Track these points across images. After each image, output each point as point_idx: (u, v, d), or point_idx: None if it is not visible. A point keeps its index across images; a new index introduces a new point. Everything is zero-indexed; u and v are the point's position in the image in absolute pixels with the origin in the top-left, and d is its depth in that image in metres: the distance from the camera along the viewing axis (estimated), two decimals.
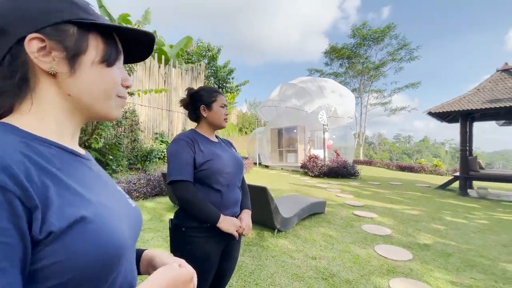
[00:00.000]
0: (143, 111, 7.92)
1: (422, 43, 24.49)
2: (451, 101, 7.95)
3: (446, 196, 6.84)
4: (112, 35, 0.48)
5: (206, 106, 1.33)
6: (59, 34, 0.42)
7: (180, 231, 1.21)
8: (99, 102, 0.47)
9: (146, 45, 0.54)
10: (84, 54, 0.44)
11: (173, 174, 1.19)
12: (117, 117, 0.51)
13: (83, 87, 0.44)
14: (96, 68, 0.46)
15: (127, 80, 0.51)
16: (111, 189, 0.51)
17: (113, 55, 0.48)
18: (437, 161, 14.91)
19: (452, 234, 3.77)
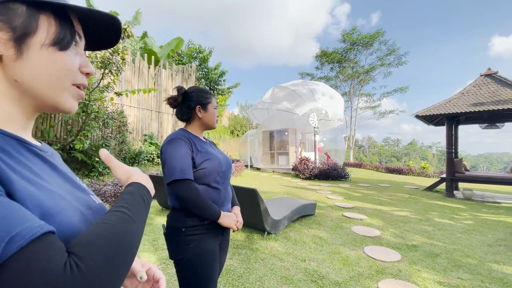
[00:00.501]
0: (131, 112, 7.78)
1: (410, 49, 25.30)
2: (437, 104, 8.14)
3: (433, 197, 6.97)
4: (69, 16, 0.44)
5: (202, 107, 1.34)
6: (5, 13, 0.38)
7: (179, 233, 1.19)
8: (49, 90, 0.42)
9: (113, 30, 0.49)
10: (34, 36, 0.40)
11: (176, 173, 1.16)
12: (71, 109, 0.46)
13: (31, 72, 0.40)
14: (47, 52, 0.41)
15: (87, 66, 0.46)
16: (70, 183, 0.47)
17: (67, 37, 0.43)
18: (425, 163, 15.24)
19: (439, 234, 3.83)
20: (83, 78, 0.47)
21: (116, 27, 0.49)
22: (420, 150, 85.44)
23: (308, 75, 28.70)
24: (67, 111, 0.45)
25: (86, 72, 0.47)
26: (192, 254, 1.17)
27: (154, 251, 2.88)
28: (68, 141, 5.37)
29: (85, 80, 0.47)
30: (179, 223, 1.20)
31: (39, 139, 0.49)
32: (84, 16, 0.45)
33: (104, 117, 5.64)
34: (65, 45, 0.43)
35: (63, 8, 0.42)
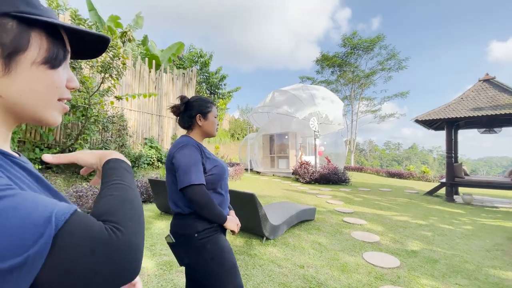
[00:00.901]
0: (132, 116, 7.80)
1: (410, 53, 25.63)
2: (437, 109, 8.16)
3: (433, 202, 6.94)
4: (61, 34, 0.44)
5: (203, 116, 1.40)
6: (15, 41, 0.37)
7: (192, 238, 1.23)
8: (35, 106, 0.42)
9: (99, 48, 0.50)
10: (24, 53, 0.39)
11: (192, 178, 1.21)
12: (55, 123, 0.46)
13: (18, 89, 0.39)
14: (37, 70, 0.40)
15: (73, 81, 0.47)
16: (51, 192, 0.47)
17: (59, 56, 0.43)
18: (425, 167, 15.19)
19: (438, 240, 3.81)
20: (68, 93, 0.47)
21: (102, 45, 0.49)
22: (421, 154, 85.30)
23: (309, 79, 28.83)
24: (51, 124, 0.45)
25: (72, 87, 0.47)
26: (212, 253, 1.23)
27: (151, 257, 2.87)
28: (67, 144, 5.39)
29: (69, 94, 0.48)
30: (191, 229, 1.24)
31: (39, 143, 0.50)
32: (74, 33, 0.45)
33: (103, 121, 5.66)
34: (57, 63, 0.42)
35: (56, 26, 0.42)
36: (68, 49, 0.46)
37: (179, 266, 2.64)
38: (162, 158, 8.05)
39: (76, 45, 0.48)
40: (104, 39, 0.47)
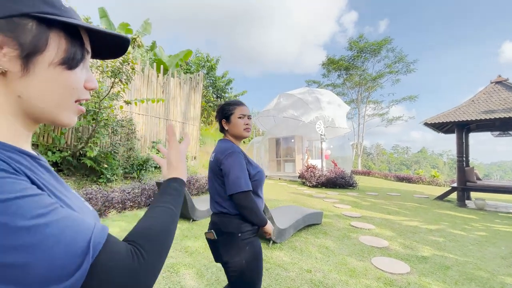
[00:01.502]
0: (140, 120, 7.91)
1: (419, 55, 25.52)
2: (446, 112, 8.02)
3: (444, 207, 6.79)
4: (80, 34, 0.43)
5: (226, 120, 1.45)
6: (14, 29, 0.36)
7: (235, 237, 1.31)
8: (52, 107, 0.42)
9: (120, 47, 0.49)
10: (42, 54, 0.39)
11: (242, 185, 1.28)
12: (70, 124, 0.45)
13: (36, 90, 0.39)
14: (54, 70, 0.40)
15: (91, 81, 0.46)
16: (71, 192, 0.49)
17: (77, 56, 0.42)
18: (435, 171, 14.89)
19: (450, 246, 3.72)
20: (87, 94, 0.46)
21: (124, 45, 0.49)
22: (430, 158, 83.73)
23: (315, 82, 28.75)
24: (65, 125, 0.45)
25: (90, 88, 0.46)
26: (249, 256, 1.30)
27: None
28: (78, 148, 5.50)
29: (88, 95, 0.47)
30: (235, 229, 1.32)
31: (51, 146, 0.51)
32: (94, 33, 0.45)
33: (113, 124, 5.76)
34: (75, 64, 0.42)
35: (76, 27, 0.42)
36: (87, 49, 0.45)
37: (186, 268, 2.64)
38: None
39: (97, 46, 0.48)
40: (124, 40, 0.47)
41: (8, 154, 0.36)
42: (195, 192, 6.42)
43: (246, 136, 1.46)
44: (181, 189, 0.58)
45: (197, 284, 2.38)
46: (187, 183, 6.23)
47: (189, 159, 9.49)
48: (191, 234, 3.66)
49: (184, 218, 4.38)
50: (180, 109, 9.51)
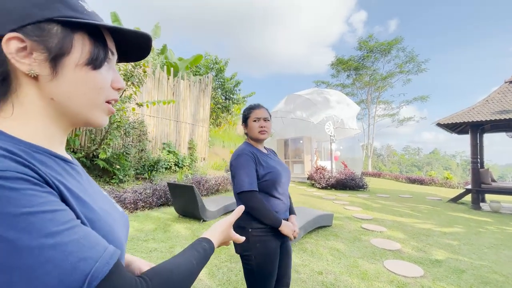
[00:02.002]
0: (151, 122, 8.05)
1: (430, 54, 24.84)
2: (460, 112, 7.83)
3: (458, 209, 6.62)
4: (102, 35, 0.44)
5: (245, 124, 1.55)
6: (41, 34, 0.38)
7: (247, 232, 1.37)
8: (83, 108, 0.44)
9: (144, 47, 0.51)
10: (68, 56, 0.40)
11: (245, 185, 1.36)
12: (102, 124, 0.47)
13: (65, 91, 0.41)
14: (81, 71, 0.42)
15: (118, 81, 0.47)
16: (101, 194, 0.51)
17: (100, 56, 0.44)
18: (448, 173, 14.54)
19: (465, 249, 3.63)
20: (115, 94, 0.48)
21: (147, 44, 0.50)
22: (443, 159, 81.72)
23: (324, 83, 28.57)
24: (98, 125, 0.47)
25: (117, 88, 0.48)
26: (258, 253, 1.35)
27: None
28: (91, 149, 5.64)
29: (117, 95, 0.48)
30: (246, 224, 1.39)
31: (66, 147, 0.53)
32: (118, 33, 0.46)
33: (125, 126, 5.88)
34: (99, 64, 0.43)
35: (98, 28, 0.44)
36: (112, 50, 0.47)
37: None
38: (179, 162, 8.22)
39: (123, 48, 0.50)
40: (146, 38, 0.48)
41: (40, 158, 0.38)
42: (205, 192, 6.48)
43: (261, 138, 1.51)
44: (209, 252, 0.59)
45: (209, 284, 2.41)
46: (196, 184, 6.30)
47: (198, 160, 9.58)
48: (201, 235, 3.69)
49: (195, 218, 4.44)
50: (189, 111, 9.63)
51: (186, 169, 8.41)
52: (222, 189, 7.15)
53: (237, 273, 2.62)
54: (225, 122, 16.95)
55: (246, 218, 1.40)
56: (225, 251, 3.16)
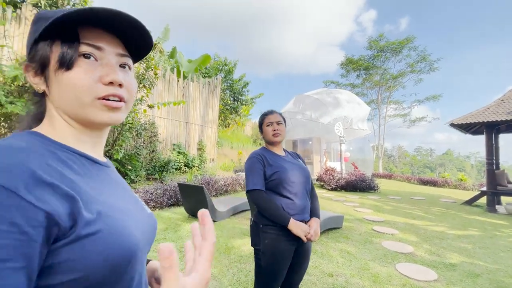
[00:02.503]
0: (162, 123, 8.19)
1: (442, 53, 24.22)
2: (474, 112, 7.62)
3: (473, 212, 6.44)
4: (71, 32, 0.43)
5: (260, 129, 1.66)
6: (34, 56, 0.44)
7: (258, 228, 1.48)
8: (76, 109, 0.44)
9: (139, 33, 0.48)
10: (49, 65, 0.43)
11: (248, 185, 1.49)
12: (102, 121, 0.46)
13: (57, 97, 0.44)
14: (59, 76, 0.43)
15: (107, 75, 0.44)
16: (127, 195, 0.52)
17: (67, 56, 0.42)
18: (462, 175, 14.15)
19: (480, 253, 3.53)
20: (107, 89, 0.45)
21: (145, 38, 0.49)
22: (456, 160, 79.55)
23: (333, 82, 28.28)
24: (98, 122, 0.46)
25: (107, 82, 0.44)
26: (266, 249, 1.43)
27: (181, 258, 2.97)
28: (104, 150, 5.78)
29: (110, 90, 0.45)
30: (258, 220, 1.49)
31: None
32: (102, 22, 0.44)
33: (137, 128, 6.00)
34: (69, 63, 0.42)
35: (69, 24, 0.42)
36: (96, 44, 0.45)
37: None
38: (189, 163, 8.32)
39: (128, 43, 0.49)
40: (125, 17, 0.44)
41: (64, 155, 0.41)
42: (214, 193, 6.53)
43: (275, 141, 1.59)
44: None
45: (219, 284, 2.44)
46: (206, 184, 6.36)
47: (207, 161, 9.66)
48: None
49: None
50: (199, 113, 9.74)
51: (195, 169, 8.50)
52: (231, 190, 7.19)
53: (247, 274, 2.63)
54: (233, 123, 17.03)
55: (258, 214, 1.50)
56: (235, 251, 3.19)
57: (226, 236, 3.69)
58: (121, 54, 0.48)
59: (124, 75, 0.47)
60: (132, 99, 0.50)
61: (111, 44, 0.46)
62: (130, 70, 0.51)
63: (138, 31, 0.48)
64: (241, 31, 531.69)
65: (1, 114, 3.75)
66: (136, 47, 0.51)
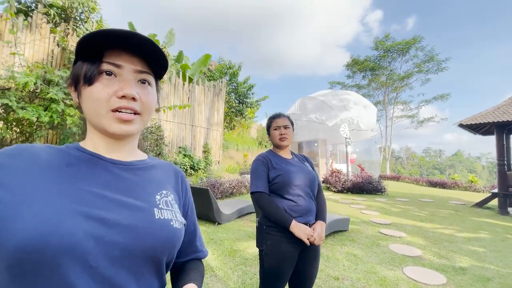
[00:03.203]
0: (168, 126, 8.26)
1: (451, 52, 23.90)
2: (484, 112, 7.48)
3: (484, 214, 6.29)
4: (94, 52, 0.49)
5: (268, 132, 1.67)
6: (72, 73, 0.53)
7: (262, 229, 1.50)
8: (94, 119, 0.51)
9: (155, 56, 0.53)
10: (80, 81, 0.51)
11: (252, 187, 1.53)
12: (114, 132, 0.51)
13: (84, 110, 0.52)
14: (84, 90, 0.50)
15: (120, 89, 0.50)
16: (126, 193, 0.51)
17: (89, 72, 0.49)
18: (473, 176, 13.85)
19: (491, 256, 3.44)
20: (120, 102, 0.49)
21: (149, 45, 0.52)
22: (466, 161, 77.89)
23: (339, 84, 28.13)
24: (111, 133, 0.51)
25: (120, 95, 0.49)
26: (268, 250, 1.45)
27: None
28: None
29: (122, 103, 0.49)
30: (262, 221, 1.53)
31: None
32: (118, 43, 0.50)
33: (144, 131, 6.08)
34: (90, 79, 0.49)
35: (95, 46, 0.49)
36: (115, 63, 0.50)
37: (212, 270, 2.72)
38: (195, 166, 8.37)
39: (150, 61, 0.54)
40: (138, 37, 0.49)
41: (78, 154, 0.52)
42: (219, 196, 6.55)
43: (282, 145, 1.59)
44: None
45: (225, 287, 2.44)
46: (211, 187, 6.38)
47: (213, 164, 9.70)
48: (216, 237, 3.74)
49: (210, 221, 4.49)
50: (204, 115, 9.80)
51: (201, 172, 8.54)
52: (236, 192, 7.20)
53: (252, 276, 2.63)
54: (239, 126, 17.08)
55: (263, 216, 1.53)
56: (240, 254, 3.19)
57: (232, 239, 3.70)
58: (139, 70, 0.53)
59: (141, 90, 0.53)
60: (148, 112, 0.55)
61: (130, 62, 0.51)
62: (149, 85, 0.55)
63: (153, 50, 0.52)
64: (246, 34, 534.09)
65: (13, 119, 3.85)
66: (156, 65, 0.56)
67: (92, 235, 0.42)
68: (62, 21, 5.67)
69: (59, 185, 0.45)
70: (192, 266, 0.65)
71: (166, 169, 0.66)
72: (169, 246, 0.52)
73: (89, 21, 5.86)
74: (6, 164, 0.45)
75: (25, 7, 5.70)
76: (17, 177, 0.43)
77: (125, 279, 0.45)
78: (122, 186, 0.52)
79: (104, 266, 0.43)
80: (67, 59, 5.53)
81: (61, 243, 0.39)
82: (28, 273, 0.39)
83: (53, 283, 0.39)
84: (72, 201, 0.44)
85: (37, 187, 0.43)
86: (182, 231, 0.57)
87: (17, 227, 0.38)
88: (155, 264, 0.50)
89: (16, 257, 0.38)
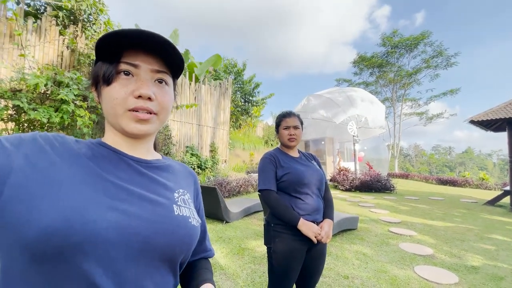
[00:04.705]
0: (175, 126, 8.33)
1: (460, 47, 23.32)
2: (496, 108, 7.30)
3: (496, 212, 6.16)
4: (110, 53, 0.50)
5: (277, 131, 1.66)
6: (92, 73, 0.54)
7: (270, 227, 1.51)
8: (112, 118, 0.52)
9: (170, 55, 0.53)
10: (100, 81, 0.52)
11: (259, 185, 1.54)
12: (131, 131, 0.52)
13: (104, 109, 0.53)
14: (102, 90, 0.51)
15: (137, 89, 0.50)
16: (147, 189, 0.52)
17: (107, 72, 0.50)
18: (484, 174, 13.56)
19: (504, 255, 3.37)
20: (136, 102, 0.50)
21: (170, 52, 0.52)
22: (477, 158, 76.26)
23: (346, 81, 27.81)
24: (128, 131, 0.52)
25: (136, 95, 0.50)
26: (276, 248, 1.45)
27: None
28: None
29: (139, 103, 0.50)
30: (269, 219, 1.53)
31: None
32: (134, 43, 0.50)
33: None
34: (108, 79, 0.50)
35: (114, 47, 0.49)
36: (133, 63, 0.50)
37: (221, 269, 2.73)
38: (202, 165, 8.42)
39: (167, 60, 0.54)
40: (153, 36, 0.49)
41: (99, 149, 0.53)
42: (227, 194, 6.57)
43: (290, 145, 1.59)
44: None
45: (234, 285, 2.45)
46: (219, 185, 6.41)
47: (220, 162, 9.74)
48: (225, 236, 3.76)
49: (218, 219, 4.51)
50: (210, 115, 9.84)
51: (208, 171, 8.59)
52: (244, 191, 7.21)
53: (261, 275, 2.63)
54: (245, 124, 17.09)
55: (270, 214, 1.53)
56: (249, 252, 3.19)
57: (240, 237, 3.71)
58: (156, 70, 0.53)
59: (158, 89, 0.53)
60: (165, 111, 0.56)
61: (147, 61, 0.51)
62: (167, 85, 0.55)
63: (170, 50, 0.52)
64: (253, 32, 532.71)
65: (25, 121, 3.94)
66: (173, 65, 0.56)
67: (115, 226, 0.43)
68: (71, 23, 5.76)
69: (85, 175, 0.46)
70: (203, 265, 0.66)
71: (181, 169, 0.68)
72: (187, 242, 0.52)
73: (97, 22, 5.93)
74: (37, 145, 0.46)
75: (34, 10, 5.81)
76: (48, 160, 0.44)
77: (141, 274, 0.45)
78: (144, 182, 0.53)
79: (122, 257, 0.43)
80: (76, 61, 5.63)
81: (85, 230, 0.39)
82: (47, 258, 0.38)
83: (71, 271, 0.39)
84: (97, 191, 0.45)
85: (67, 173, 0.44)
86: (199, 229, 0.58)
87: (43, 208, 0.39)
88: (171, 261, 0.51)
89: (38, 238, 0.37)
